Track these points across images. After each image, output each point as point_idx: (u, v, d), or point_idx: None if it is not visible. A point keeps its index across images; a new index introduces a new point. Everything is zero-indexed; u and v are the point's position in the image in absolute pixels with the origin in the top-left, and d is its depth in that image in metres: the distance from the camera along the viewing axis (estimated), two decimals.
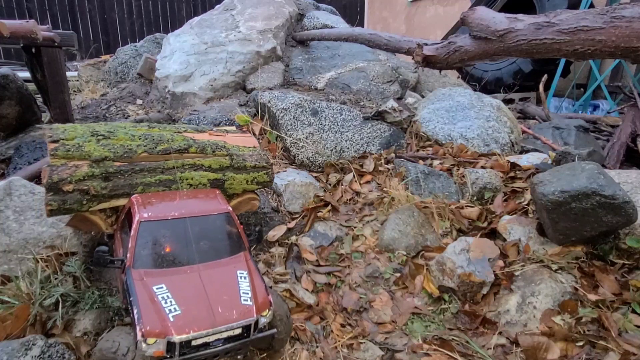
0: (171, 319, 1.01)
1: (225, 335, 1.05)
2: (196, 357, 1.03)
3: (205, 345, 1.04)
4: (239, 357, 1.14)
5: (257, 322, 1.10)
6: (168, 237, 1.20)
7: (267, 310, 1.14)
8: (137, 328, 0.99)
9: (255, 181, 1.54)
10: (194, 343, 1.02)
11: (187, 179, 1.38)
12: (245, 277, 1.17)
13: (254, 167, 1.53)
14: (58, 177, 1.20)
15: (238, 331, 1.07)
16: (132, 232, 1.16)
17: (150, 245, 1.17)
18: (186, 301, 1.06)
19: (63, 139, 1.26)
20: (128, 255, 1.14)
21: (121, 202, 1.31)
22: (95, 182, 1.24)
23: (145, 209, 1.22)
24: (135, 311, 1.02)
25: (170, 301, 1.04)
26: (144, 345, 0.98)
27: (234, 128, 1.72)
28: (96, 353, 1.17)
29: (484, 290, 1.54)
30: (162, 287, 1.07)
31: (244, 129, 1.67)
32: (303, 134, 2.46)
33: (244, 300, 1.11)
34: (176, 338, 0.99)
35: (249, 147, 1.57)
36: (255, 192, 1.61)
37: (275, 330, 1.18)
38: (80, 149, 1.25)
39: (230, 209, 1.34)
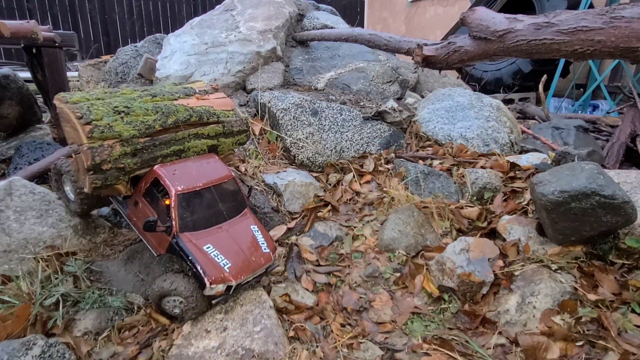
0: (227, 270, 1.36)
1: (258, 274, 1.47)
2: (240, 289, 1.47)
3: (247, 282, 1.45)
4: (256, 282, 1.58)
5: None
6: (199, 203, 1.44)
7: (275, 252, 1.54)
8: (205, 279, 1.32)
9: (237, 142, 1.81)
10: (242, 283, 1.41)
11: (192, 148, 1.61)
12: (258, 231, 1.53)
13: (238, 131, 1.78)
14: (100, 159, 1.34)
15: (264, 269, 1.49)
16: (173, 203, 1.38)
17: (188, 213, 1.41)
18: (230, 255, 1.40)
19: (94, 120, 1.36)
20: (173, 223, 1.37)
21: (143, 171, 1.50)
22: (128, 159, 1.42)
23: (176, 182, 1.41)
24: (198, 267, 1.33)
25: (220, 257, 1.38)
26: (209, 288, 1.33)
27: (203, 83, 1.85)
28: (154, 289, 1.41)
29: (484, 290, 1.54)
30: (210, 247, 1.38)
31: (216, 87, 1.79)
32: (303, 134, 2.46)
33: (264, 249, 1.49)
34: (233, 283, 1.37)
35: (229, 111, 1.76)
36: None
37: (278, 263, 1.71)
38: (111, 130, 1.38)
39: (233, 173, 1.58)
